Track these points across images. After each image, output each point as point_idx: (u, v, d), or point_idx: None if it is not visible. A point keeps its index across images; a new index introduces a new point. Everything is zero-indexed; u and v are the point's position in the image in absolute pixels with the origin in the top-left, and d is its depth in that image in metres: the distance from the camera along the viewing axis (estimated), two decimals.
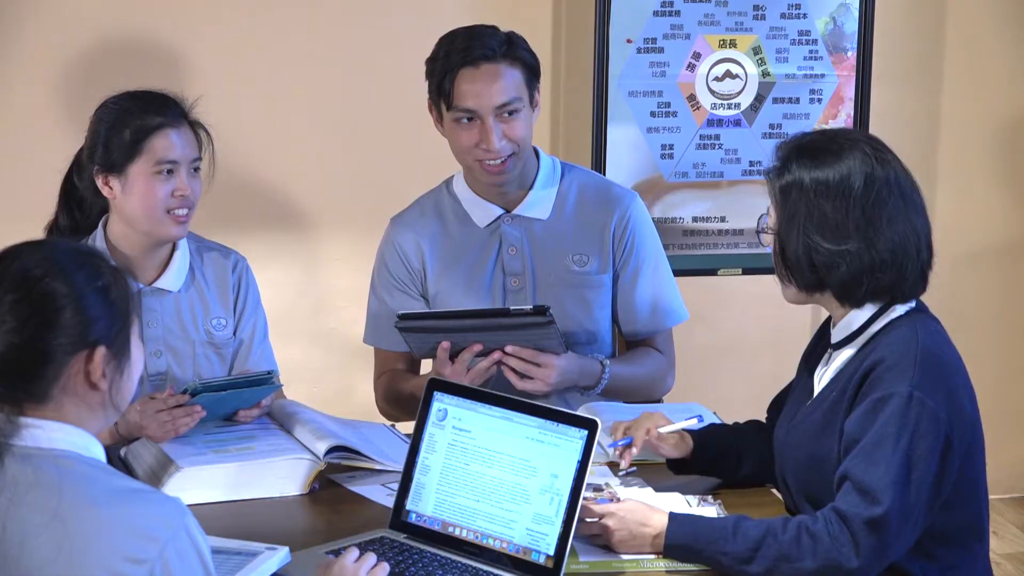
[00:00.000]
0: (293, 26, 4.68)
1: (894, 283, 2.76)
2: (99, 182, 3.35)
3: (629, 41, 4.64)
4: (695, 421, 3.13)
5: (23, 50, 4.53)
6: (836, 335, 2.86)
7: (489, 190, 3.58)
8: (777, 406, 3.11)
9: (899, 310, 2.80)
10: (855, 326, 2.82)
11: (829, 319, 2.92)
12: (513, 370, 3.33)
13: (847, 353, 2.83)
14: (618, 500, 2.79)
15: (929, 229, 2.79)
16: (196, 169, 3.40)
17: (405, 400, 3.60)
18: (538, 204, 3.60)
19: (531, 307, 3.23)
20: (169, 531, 2.07)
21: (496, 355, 3.31)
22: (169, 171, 3.33)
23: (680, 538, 2.69)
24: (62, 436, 2.15)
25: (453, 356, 3.32)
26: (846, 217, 2.73)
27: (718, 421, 3.42)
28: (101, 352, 2.17)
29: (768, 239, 2.86)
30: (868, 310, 2.80)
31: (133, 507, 2.09)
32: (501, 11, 4.54)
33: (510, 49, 3.45)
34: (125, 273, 2.25)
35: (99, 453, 2.20)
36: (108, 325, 2.17)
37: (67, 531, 2.05)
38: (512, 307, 3.29)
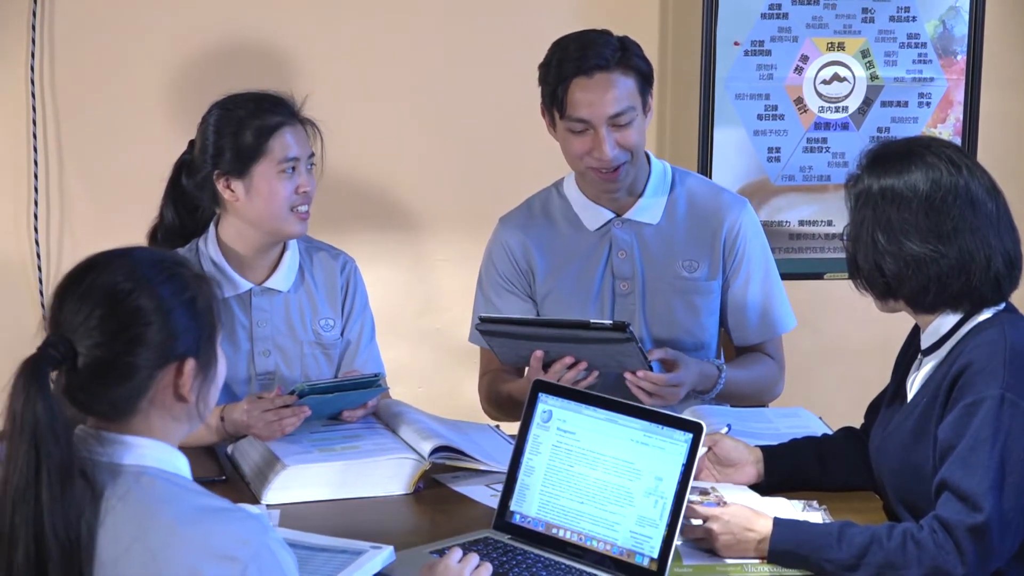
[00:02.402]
0: (400, 26, 4.70)
1: (963, 292, 2.74)
2: (220, 186, 3.38)
3: (736, 44, 4.62)
4: (726, 429, 3.14)
5: (127, 55, 4.57)
6: (925, 341, 2.84)
7: (600, 195, 3.58)
8: (874, 411, 3.09)
9: (986, 313, 2.77)
10: (943, 331, 2.79)
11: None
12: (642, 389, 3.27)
13: (936, 359, 2.81)
14: (724, 504, 2.78)
15: (1012, 241, 2.76)
16: (312, 165, 3.44)
17: (504, 401, 3.61)
18: (649, 209, 3.59)
19: (610, 322, 3.18)
20: (250, 551, 2.06)
21: (582, 366, 3.26)
22: (292, 168, 3.37)
23: (785, 544, 2.68)
24: (145, 452, 2.14)
25: (546, 366, 3.29)
26: (911, 224, 2.72)
27: (823, 426, 3.41)
28: (191, 365, 2.16)
29: (845, 247, 2.86)
30: (955, 315, 2.78)
31: (214, 526, 2.08)
32: (608, 12, 4.54)
33: (624, 57, 3.42)
34: (210, 280, 2.24)
35: (183, 467, 2.19)
36: (195, 337, 2.17)
37: (152, 554, 2.05)
38: (592, 320, 3.24)
